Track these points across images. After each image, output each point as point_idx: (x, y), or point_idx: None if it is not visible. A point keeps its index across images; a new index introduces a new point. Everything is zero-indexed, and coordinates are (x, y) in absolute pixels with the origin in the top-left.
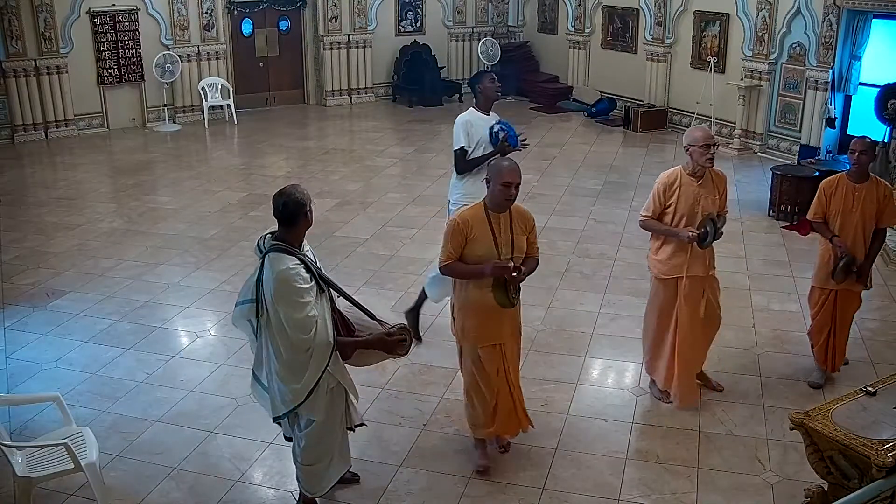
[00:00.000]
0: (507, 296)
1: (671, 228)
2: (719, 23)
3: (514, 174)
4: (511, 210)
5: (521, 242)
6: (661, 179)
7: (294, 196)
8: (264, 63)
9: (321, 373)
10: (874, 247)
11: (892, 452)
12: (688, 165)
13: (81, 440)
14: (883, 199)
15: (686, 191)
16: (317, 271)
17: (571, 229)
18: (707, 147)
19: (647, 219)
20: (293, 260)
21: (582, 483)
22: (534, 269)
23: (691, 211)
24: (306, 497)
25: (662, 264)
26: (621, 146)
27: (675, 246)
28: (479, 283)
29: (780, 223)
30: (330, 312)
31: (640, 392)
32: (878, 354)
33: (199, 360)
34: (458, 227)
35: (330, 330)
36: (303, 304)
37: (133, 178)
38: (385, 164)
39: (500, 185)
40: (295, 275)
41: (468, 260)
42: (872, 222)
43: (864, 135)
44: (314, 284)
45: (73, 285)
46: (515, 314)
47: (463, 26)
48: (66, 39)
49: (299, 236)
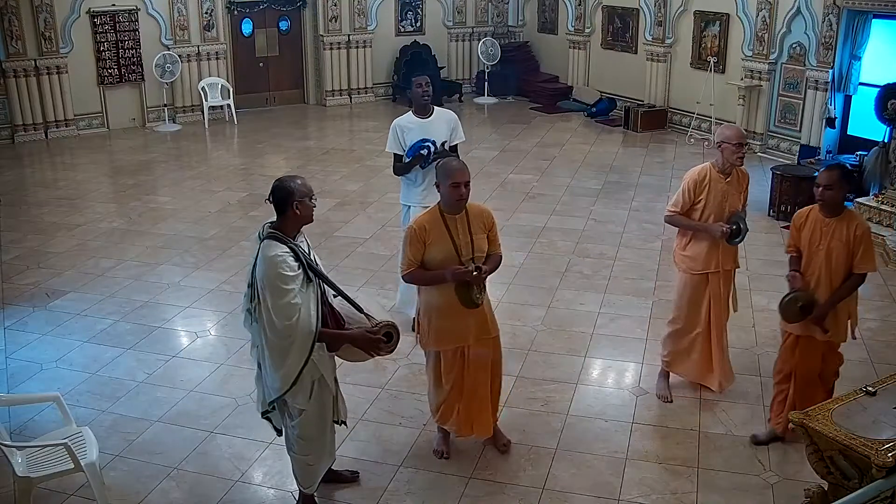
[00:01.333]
0: (470, 296)
1: (700, 224)
2: (719, 23)
3: (462, 173)
4: (467, 210)
5: (481, 242)
6: (690, 175)
7: (282, 184)
8: (264, 63)
9: (304, 361)
10: (840, 290)
11: (892, 452)
12: (717, 162)
13: (81, 440)
14: (854, 239)
15: (715, 187)
16: (307, 262)
17: (571, 229)
18: (739, 146)
19: (675, 214)
20: (283, 248)
21: (582, 483)
22: (497, 265)
23: (719, 208)
24: (305, 495)
25: (692, 260)
26: (621, 146)
27: (706, 241)
28: (443, 284)
29: (780, 223)
30: (317, 303)
31: (640, 392)
32: (878, 354)
33: (199, 360)
34: (416, 233)
35: (313, 319)
36: (286, 290)
37: (133, 178)
38: (385, 164)
39: (450, 186)
40: (281, 262)
41: (429, 265)
42: (841, 265)
43: (838, 163)
44: (301, 273)
45: (73, 285)
46: (482, 314)
47: (463, 26)
48: (66, 39)
49: (292, 225)
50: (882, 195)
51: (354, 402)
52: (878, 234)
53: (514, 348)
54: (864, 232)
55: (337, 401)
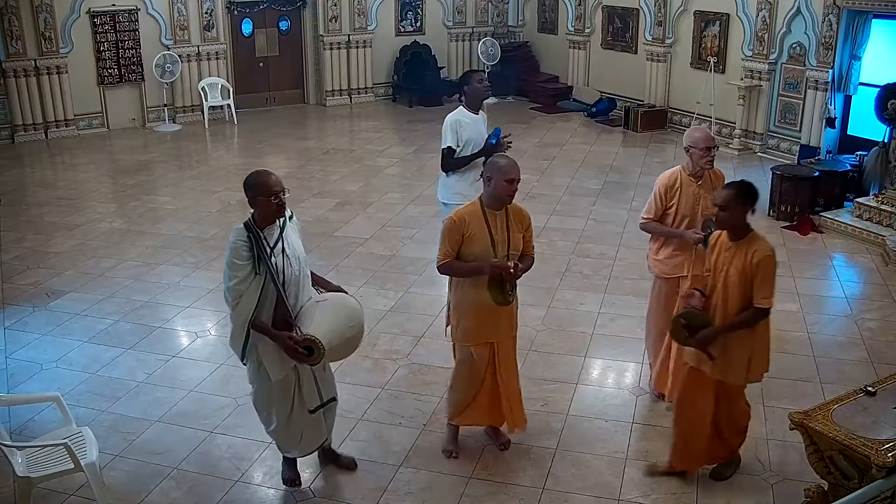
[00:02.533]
0: (503, 293)
1: (674, 230)
2: (719, 23)
3: (517, 170)
4: (507, 208)
5: (518, 240)
6: (660, 181)
7: (246, 180)
8: (264, 63)
9: (243, 340)
10: (733, 322)
11: (892, 452)
12: (687, 166)
13: (81, 440)
14: (751, 267)
15: (686, 191)
16: (259, 255)
17: (571, 229)
18: (707, 149)
19: (649, 221)
20: (242, 236)
21: (582, 483)
22: (530, 266)
23: (692, 211)
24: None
25: (663, 264)
26: (621, 146)
27: (676, 245)
28: (476, 281)
29: (779, 223)
30: (259, 293)
31: (640, 392)
32: (878, 354)
33: (199, 360)
34: (455, 225)
35: (251, 307)
36: (232, 275)
37: (133, 178)
38: (385, 164)
39: (504, 182)
40: (235, 248)
41: (465, 258)
42: (736, 295)
43: (739, 181)
44: (249, 264)
45: (73, 285)
46: (512, 312)
47: (463, 26)
48: (66, 39)
49: (260, 216)
50: (882, 195)
51: (354, 402)
52: (878, 234)
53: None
54: (762, 260)
55: (300, 390)
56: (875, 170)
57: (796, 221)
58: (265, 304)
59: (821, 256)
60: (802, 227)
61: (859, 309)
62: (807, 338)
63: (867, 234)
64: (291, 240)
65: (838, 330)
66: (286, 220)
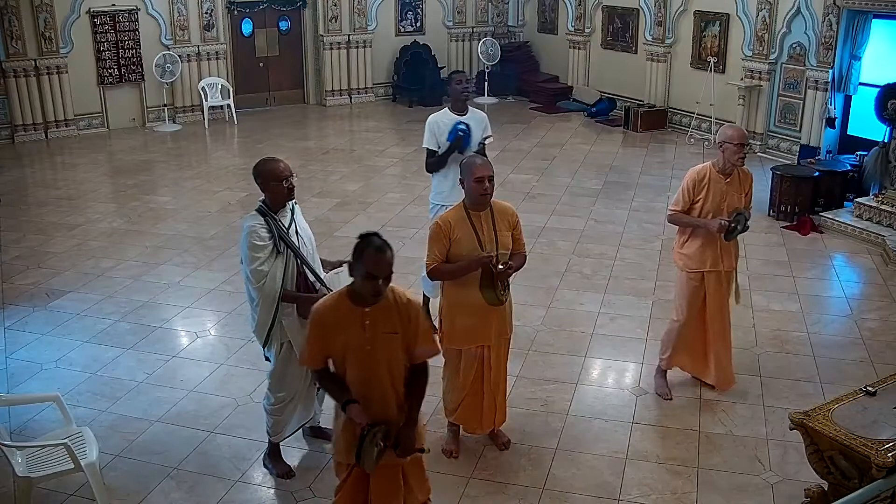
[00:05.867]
0: (495, 293)
1: (701, 220)
2: (719, 23)
3: (485, 168)
4: (492, 207)
5: (506, 239)
6: (690, 175)
7: (255, 168)
8: (264, 63)
9: (271, 321)
10: (412, 406)
11: (892, 452)
12: (718, 162)
13: (81, 440)
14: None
15: (714, 187)
16: (279, 235)
17: (571, 229)
18: (741, 146)
19: (676, 213)
20: (259, 220)
21: (582, 483)
22: (522, 264)
23: (717, 208)
24: (271, 442)
25: (689, 258)
26: (621, 146)
27: (703, 240)
28: (467, 281)
29: (779, 223)
30: (283, 271)
31: (640, 392)
32: (878, 354)
33: (199, 360)
34: (441, 229)
35: (277, 284)
36: (254, 257)
37: (133, 178)
38: (385, 164)
39: (473, 182)
40: (253, 232)
41: (453, 261)
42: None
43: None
44: (270, 244)
45: (73, 285)
46: (503, 313)
47: (463, 26)
48: (66, 39)
49: (272, 201)
50: (882, 195)
51: None
52: (878, 234)
53: (514, 348)
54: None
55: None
56: (875, 170)
57: (796, 221)
58: (286, 283)
59: (821, 256)
60: (802, 227)
61: (859, 309)
62: (807, 338)
63: (867, 234)
64: (300, 222)
65: (838, 330)
66: (295, 203)
